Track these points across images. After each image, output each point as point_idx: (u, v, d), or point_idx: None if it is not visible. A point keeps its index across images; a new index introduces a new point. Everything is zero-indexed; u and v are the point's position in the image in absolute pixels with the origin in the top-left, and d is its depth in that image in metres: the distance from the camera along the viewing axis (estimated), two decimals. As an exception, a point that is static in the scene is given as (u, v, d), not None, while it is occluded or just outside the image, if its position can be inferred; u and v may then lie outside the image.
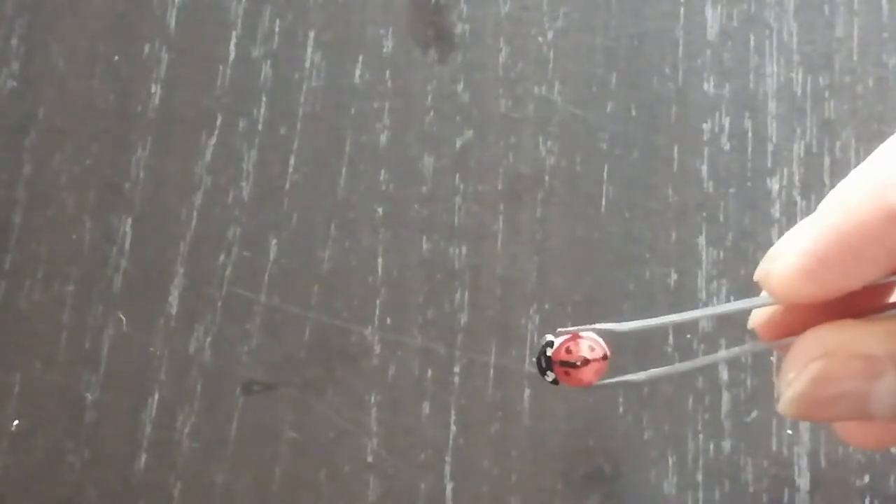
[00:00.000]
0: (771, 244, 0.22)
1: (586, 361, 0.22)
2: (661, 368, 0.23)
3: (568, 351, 0.22)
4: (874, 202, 0.19)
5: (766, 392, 0.32)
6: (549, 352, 0.22)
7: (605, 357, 0.22)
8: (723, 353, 0.32)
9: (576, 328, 0.23)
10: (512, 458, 0.32)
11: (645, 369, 0.22)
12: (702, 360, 0.30)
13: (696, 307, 0.33)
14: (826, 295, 0.20)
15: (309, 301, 0.33)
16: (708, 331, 0.33)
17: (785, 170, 0.34)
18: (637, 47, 0.35)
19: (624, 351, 0.32)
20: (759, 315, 0.23)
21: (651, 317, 0.22)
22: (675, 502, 0.31)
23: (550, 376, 0.22)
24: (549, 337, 0.23)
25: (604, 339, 0.22)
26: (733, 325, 0.32)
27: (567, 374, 0.22)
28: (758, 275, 0.21)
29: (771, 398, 0.32)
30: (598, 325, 0.22)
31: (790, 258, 0.20)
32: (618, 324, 0.22)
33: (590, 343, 0.22)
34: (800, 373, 0.21)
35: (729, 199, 0.34)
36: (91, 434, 0.32)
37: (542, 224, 0.34)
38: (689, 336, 0.32)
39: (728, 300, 0.33)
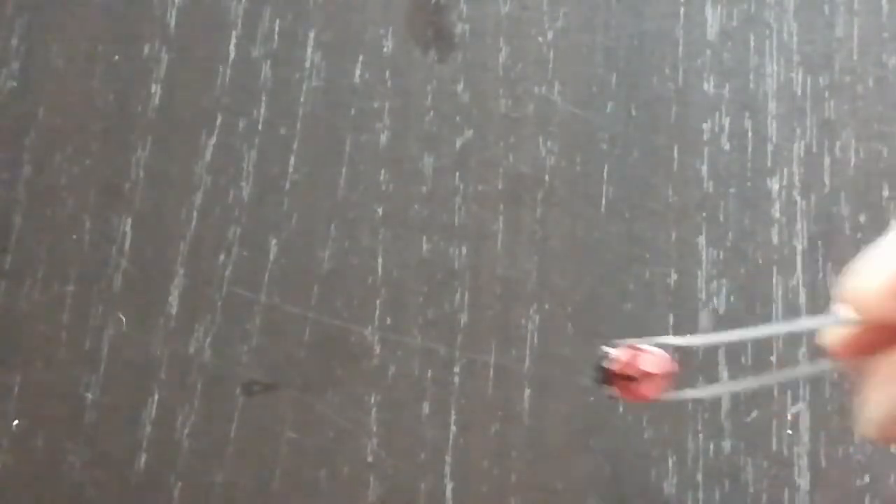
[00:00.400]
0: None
1: (647, 375, 0.21)
2: (726, 383, 0.22)
3: (629, 365, 0.21)
4: None
5: (765, 392, 0.32)
6: (606, 363, 0.21)
7: (670, 372, 0.21)
8: (796, 370, 0.32)
9: (637, 340, 0.22)
10: (512, 458, 0.32)
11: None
12: (771, 376, 0.29)
13: (696, 307, 0.33)
14: None
15: (309, 301, 0.33)
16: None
17: (785, 170, 0.34)
18: (637, 47, 0.35)
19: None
20: (837, 333, 0.22)
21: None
22: (675, 503, 0.31)
23: (608, 390, 0.21)
24: (608, 349, 0.22)
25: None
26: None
27: (628, 388, 0.21)
28: (844, 293, 0.21)
29: (770, 398, 0.32)
30: (659, 339, 0.22)
31: (880, 276, 0.20)
32: (681, 337, 0.22)
33: (653, 358, 0.21)
34: (884, 394, 0.20)
35: (729, 199, 0.34)
36: (91, 434, 0.32)
37: (542, 224, 0.34)
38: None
39: (728, 300, 0.33)
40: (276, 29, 0.36)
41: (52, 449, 0.32)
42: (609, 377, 0.21)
